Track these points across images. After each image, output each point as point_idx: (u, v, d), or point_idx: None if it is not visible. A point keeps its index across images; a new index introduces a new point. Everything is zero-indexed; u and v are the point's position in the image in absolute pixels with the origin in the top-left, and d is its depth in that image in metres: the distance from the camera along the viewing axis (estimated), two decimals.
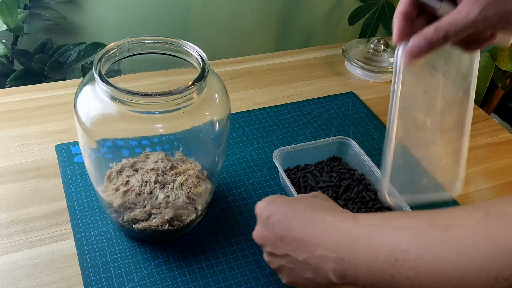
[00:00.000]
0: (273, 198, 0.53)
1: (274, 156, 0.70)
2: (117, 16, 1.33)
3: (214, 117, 0.57)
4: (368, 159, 0.72)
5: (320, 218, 0.47)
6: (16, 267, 0.59)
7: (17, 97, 0.84)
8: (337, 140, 0.75)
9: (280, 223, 0.49)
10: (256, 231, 0.52)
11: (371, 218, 0.45)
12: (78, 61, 1.24)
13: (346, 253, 0.44)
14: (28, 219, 0.64)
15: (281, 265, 0.50)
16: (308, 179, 0.71)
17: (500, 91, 1.43)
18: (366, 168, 0.72)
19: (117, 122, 0.54)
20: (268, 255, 0.51)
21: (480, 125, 0.90)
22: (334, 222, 0.46)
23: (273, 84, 0.95)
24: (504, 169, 0.80)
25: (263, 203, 0.52)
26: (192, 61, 0.58)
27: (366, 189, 0.70)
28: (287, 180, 0.67)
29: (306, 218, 0.48)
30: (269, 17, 1.51)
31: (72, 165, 0.72)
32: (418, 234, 0.40)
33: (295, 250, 0.48)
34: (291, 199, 0.52)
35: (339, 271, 0.44)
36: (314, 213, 0.48)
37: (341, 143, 0.75)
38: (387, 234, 0.42)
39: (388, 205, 0.67)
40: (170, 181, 0.61)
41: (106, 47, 0.55)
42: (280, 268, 0.50)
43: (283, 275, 0.51)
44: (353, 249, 0.43)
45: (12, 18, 1.10)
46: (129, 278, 0.58)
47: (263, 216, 0.51)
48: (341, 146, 0.75)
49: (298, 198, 0.53)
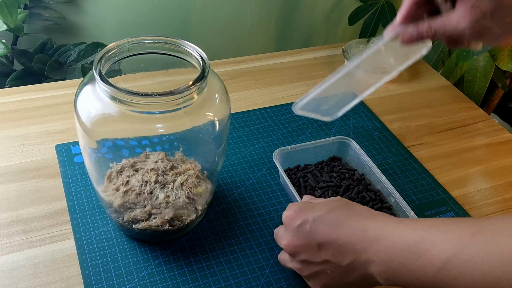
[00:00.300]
0: (300, 206, 0.53)
1: (274, 156, 0.70)
2: (117, 16, 1.33)
3: (214, 117, 0.57)
4: (368, 159, 0.72)
5: (360, 223, 0.48)
6: (16, 267, 0.59)
7: (17, 97, 0.84)
8: (337, 140, 0.75)
9: (316, 230, 0.50)
10: (286, 241, 0.52)
11: (414, 223, 0.46)
12: (78, 61, 1.24)
13: (393, 256, 0.45)
14: (28, 219, 0.64)
15: (317, 271, 0.50)
16: (308, 179, 0.71)
17: (500, 91, 1.43)
18: (366, 168, 0.72)
19: (117, 122, 0.54)
20: (301, 263, 0.51)
21: (480, 125, 0.90)
22: (376, 227, 0.47)
23: (273, 84, 0.95)
24: (504, 169, 0.80)
25: (291, 211, 0.53)
26: (192, 61, 0.58)
27: (367, 189, 0.70)
28: (287, 180, 0.67)
29: (344, 223, 0.49)
30: (269, 17, 1.51)
31: (72, 165, 0.72)
32: (465, 242, 0.41)
33: (337, 256, 0.48)
34: (320, 206, 0.52)
35: (386, 274, 0.46)
36: (352, 218, 0.49)
37: (341, 143, 0.75)
38: (433, 239, 0.43)
39: (387, 206, 0.68)
40: (170, 181, 0.61)
41: (106, 47, 0.55)
42: (315, 274, 0.51)
43: (317, 281, 0.51)
44: (399, 253, 0.44)
45: (12, 18, 1.10)
46: (129, 278, 0.58)
47: (294, 225, 0.51)
48: (341, 146, 0.75)
49: (327, 204, 0.52)
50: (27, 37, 1.27)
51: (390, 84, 0.98)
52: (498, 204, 0.74)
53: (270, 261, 0.62)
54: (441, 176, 0.77)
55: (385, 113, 0.90)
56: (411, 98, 0.95)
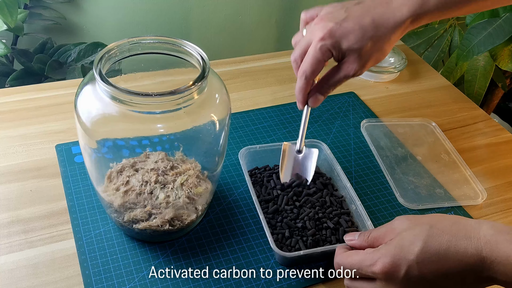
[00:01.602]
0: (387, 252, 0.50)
1: (240, 154, 0.70)
2: (117, 16, 1.33)
3: (215, 117, 0.57)
4: (337, 164, 0.71)
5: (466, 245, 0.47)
6: (16, 267, 0.59)
7: (17, 97, 0.84)
8: (309, 143, 0.73)
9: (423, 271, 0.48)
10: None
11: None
12: (78, 61, 1.24)
13: None
14: (28, 219, 0.64)
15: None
16: (271, 179, 0.70)
17: (500, 91, 1.44)
18: (333, 174, 0.71)
19: (117, 122, 0.54)
20: None
21: (480, 125, 0.90)
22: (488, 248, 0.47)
23: (273, 84, 0.95)
24: (504, 169, 0.80)
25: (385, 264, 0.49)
26: (192, 61, 0.58)
27: (331, 195, 0.69)
28: (247, 178, 0.67)
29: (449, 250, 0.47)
30: (269, 17, 1.51)
31: (72, 165, 0.72)
32: None
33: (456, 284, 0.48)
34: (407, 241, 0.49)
35: None
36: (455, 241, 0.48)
37: (313, 146, 0.73)
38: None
39: (346, 212, 0.67)
40: (171, 181, 0.61)
41: (106, 47, 0.55)
42: None
43: None
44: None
45: (12, 18, 1.10)
46: (129, 278, 0.58)
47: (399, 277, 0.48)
48: None
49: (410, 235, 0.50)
50: (27, 37, 1.27)
51: (390, 84, 0.98)
52: (498, 204, 0.74)
53: (270, 261, 0.62)
54: (441, 176, 0.77)
55: (385, 113, 0.90)
56: (411, 98, 0.95)
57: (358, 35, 0.59)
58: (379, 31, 0.60)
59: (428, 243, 0.48)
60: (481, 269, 0.46)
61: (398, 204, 0.71)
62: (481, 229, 0.48)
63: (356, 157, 0.79)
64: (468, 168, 0.78)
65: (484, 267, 0.46)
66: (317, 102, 0.64)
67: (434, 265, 0.47)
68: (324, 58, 0.60)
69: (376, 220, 0.69)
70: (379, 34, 0.60)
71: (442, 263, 0.47)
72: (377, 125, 0.86)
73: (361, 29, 0.59)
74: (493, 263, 0.46)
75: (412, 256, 0.48)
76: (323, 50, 0.60)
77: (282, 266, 0.61)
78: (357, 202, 0.66)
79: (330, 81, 0.63)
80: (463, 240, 0.47)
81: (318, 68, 0.61)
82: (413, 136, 0.85)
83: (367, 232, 0.55)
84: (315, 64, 0.60)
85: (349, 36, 0.59)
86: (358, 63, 0.60)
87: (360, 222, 0.65)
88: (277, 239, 0.61)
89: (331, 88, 0.64)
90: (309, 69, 0.61)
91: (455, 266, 0.47)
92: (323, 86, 0.64)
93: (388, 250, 0.49)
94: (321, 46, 0.59)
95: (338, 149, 0.80)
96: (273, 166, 0.73)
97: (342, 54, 0.60)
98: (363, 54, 0.60)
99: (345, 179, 0.69)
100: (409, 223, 0.51)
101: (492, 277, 0.46)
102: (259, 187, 0.69)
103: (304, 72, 0.61)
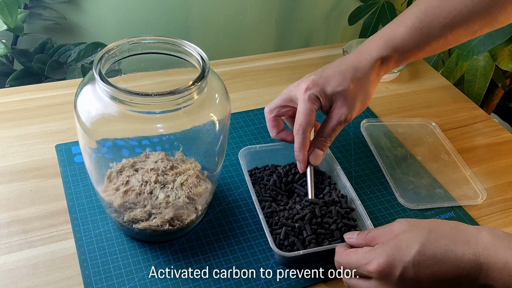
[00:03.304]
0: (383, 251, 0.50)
1: (240, 154, 0.70)
2: (117, 16, 1.33)
3: (214, 117, 0.57)
4: (336, 164, 0.71)
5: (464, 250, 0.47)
6: (16, 267, 0.59)
7: (17, 97, 0.84)
8: None
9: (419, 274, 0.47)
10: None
11: None
12: (78, 61, 1.24)
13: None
14: (28, 219, 0.64)
15: None
16: (271, 179, 0.70)
17: (500, 91, 1.43)
18: (333, 174, 0.71)
19: (117, 122, 0.54)
20: None
21: (480, 125, 0.90)
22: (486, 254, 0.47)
23: (273, 84, 0.95)
24: (504, 169, 0.80)
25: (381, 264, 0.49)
26: (192, 61, 0.58)
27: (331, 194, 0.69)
28: (247, 178, 0.67)
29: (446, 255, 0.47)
30: (269, 17, 1.51)
31: (72, 165, 0.72)
32: None
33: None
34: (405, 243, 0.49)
35: None
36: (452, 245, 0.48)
37: None
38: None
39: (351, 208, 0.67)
40: (170, 181, 0.61)
41: (106, 47, 0.55)
42: None
43: None
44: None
45: (12, 18, 1.10)
46: (129, 278, 0.58)
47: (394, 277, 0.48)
48: None
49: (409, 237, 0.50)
50: (27, 37, 1.27)
51: (390, 84, 0.98)
52: (498, 204, 0.74)
53: (270, 261, 0.62)
54: (441, 176, 0.77)
55: (385, 113, 0.90)
56: (411, 98, 0.95)
57: (339, 79, 0.63)
58: (357, 72, 0.64)
59: (426, 246, 0.48)
60: (477, 276, 0.46)
61: (398, 204, 0.71)
62: (480, 235, 0.48)
63: (356, 157, 0.79)
64: (468, 168, 0.78)
65: (480, 273, 0.46)
66: (318, 157, 0.65)
67: (430, 269, 0.47)
68: (315, 107, 0.63)
69: (376, 220, 0.69)
70: (358, 75, 0.64)
71: (439, 267, 0.47)
72: (377, 125, 0.86)
73: (341, 73, 0.64)
74: (490, 270, 0.46)
75: (408, 258, 0.48)
76: (312, 98, 0.63)
77: (282, 266, 0.61)
78: (357, 202, 0.66)
79: (325, 132, 0.65)
80: (461, 245, 0.47)
81: (312, 119, 0.63)
82: (413, 136, 0.85)
83: (366, 231, 0.55)
84: (308, 114, 0.63)
85: (331, 81, 0.63)
86: (346, 106, 0.63)
87: (360, 222, 0.65)
88: (277, 239, 0.62)
89: (327, 140, 0.65)
90: (304, 121, 0.63)
91: (452, 271, 0.47)
92: (320, 140, 0.65)
93: (384, 250, 0.50)
94: (309, 95, 0.63)
95: (338, 149, 0.80)
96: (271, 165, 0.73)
97: (329, 100, 0.64)
98: (348, 96, 0.63)
99: (345, 179, 0.69)
100: (409, 226, 0.51)
101: (489, 284, 0.46)
102: (258, 187, 0.69)
103: (300, 125, 0.63)
